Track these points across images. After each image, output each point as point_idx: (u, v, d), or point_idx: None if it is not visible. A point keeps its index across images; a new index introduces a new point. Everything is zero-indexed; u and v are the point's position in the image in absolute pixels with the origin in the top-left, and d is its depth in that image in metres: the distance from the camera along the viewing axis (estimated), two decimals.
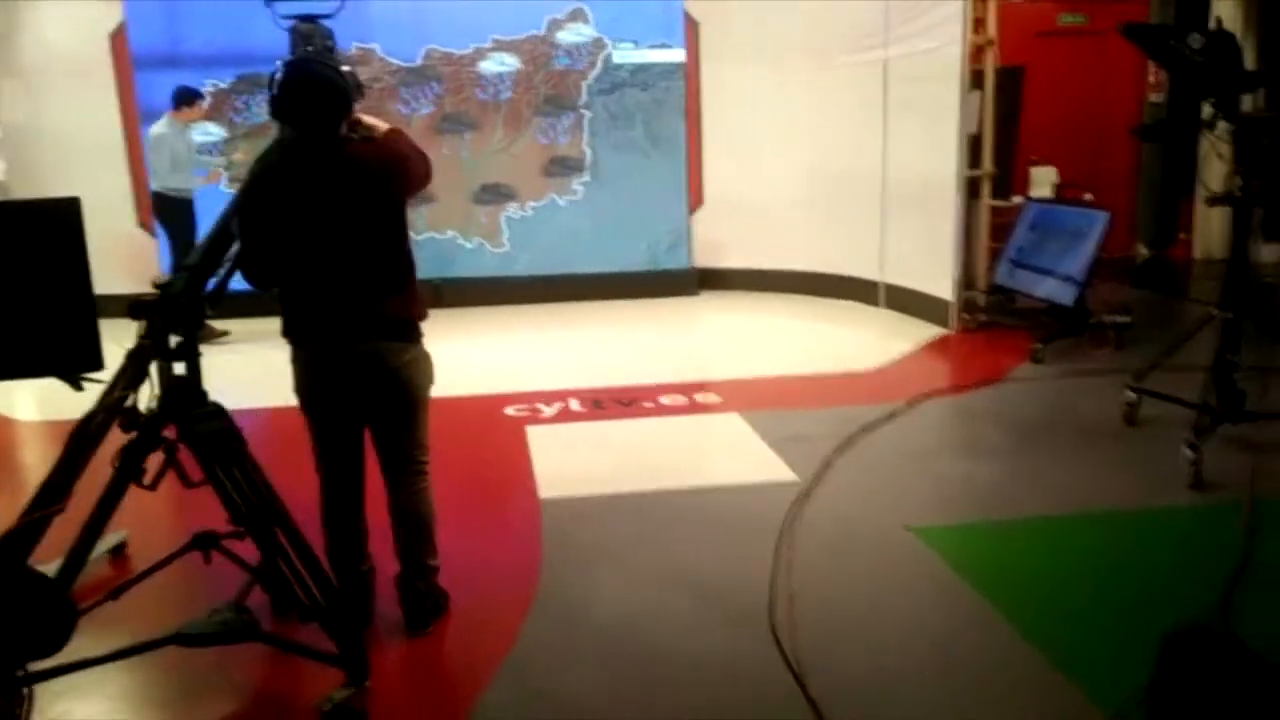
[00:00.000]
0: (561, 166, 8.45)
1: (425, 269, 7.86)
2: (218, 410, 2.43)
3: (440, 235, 8.42)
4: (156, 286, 2.36)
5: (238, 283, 2.68)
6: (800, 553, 3.40)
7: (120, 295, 7.64)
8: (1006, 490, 4.01)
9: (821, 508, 3.79)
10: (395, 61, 8.09)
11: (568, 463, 4.38)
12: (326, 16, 3.07)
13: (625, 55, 8.31)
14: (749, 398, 5.43)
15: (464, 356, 6.55)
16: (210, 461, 2.35)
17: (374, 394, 2.68)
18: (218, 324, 7.09)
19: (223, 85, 7.96)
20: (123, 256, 8.05)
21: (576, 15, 8.22)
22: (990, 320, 6.86)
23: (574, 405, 5.24)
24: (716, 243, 8.69)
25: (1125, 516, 3.72)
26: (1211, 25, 4.19)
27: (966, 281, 6.91)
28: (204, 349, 2.44)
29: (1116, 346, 6.10)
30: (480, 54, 8.18)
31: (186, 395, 2.37)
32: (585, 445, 4.66)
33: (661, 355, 6.57)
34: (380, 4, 8.01)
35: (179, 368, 2.38)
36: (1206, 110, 4.09)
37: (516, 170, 8.40)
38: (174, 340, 2.39)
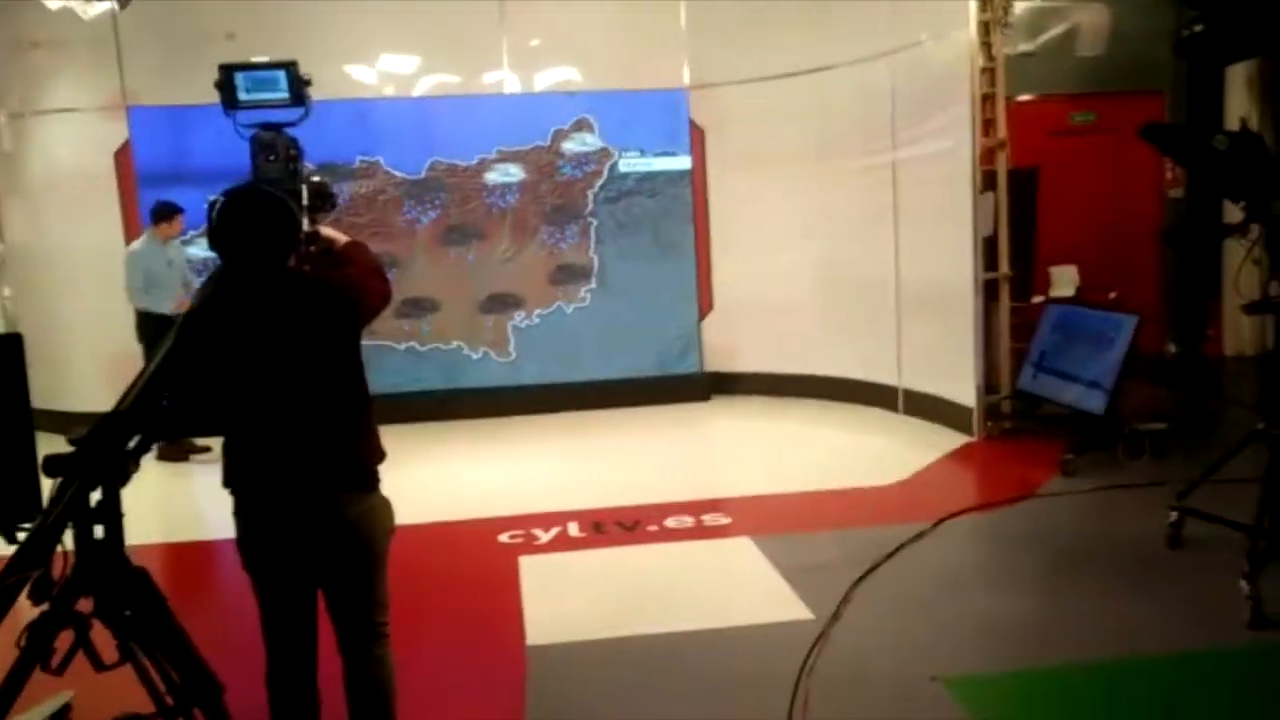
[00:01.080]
0: (569, 274, 8.31)
1: (431, 380, 7.84)
2: (141, 579, 2.15)
3: (445, 346, 8.24)
4: (71, 441, 2.11)
5: None
6: (816, 710, 3.03)
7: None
8: (1043, 630, 3.63)
9: (839, 653, 3.42)
10: (400, 174, 8.05)
11: (561, 600, 4.05)
12: (290, 124, 2.89)
13: (631, 164, 8.25)
14: (761, 518, 5.10)
15: (462, 475, 6.30)
16: (127, 640, 2.06)
17: (326, 550, 2.40)
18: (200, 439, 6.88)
19: (171, 202, 7.89)
20: (124, 376, 7.90)
21: (582, 125, 8.19)
22: (1016, 427, 6.54)
23: (573, 530, 4.92)
24: (728, 347, 8.47)
25: (1178, 661, 3.33)
26: (1234, 125, 3.98)
27: (989, 386, 6.61)
28: (182, 467, 2.17)
29: (1153, 455, 5.73)
30: (485, 165, 8.14)
31: (105, 563, 2.09)
32: (581, 578, 4.32)
33: (670, 468, 6.27)
34: (384, 118, 8.02)
35: (98, 529, 2.11)
36: (1236, 214, 3.84)
37: (523, 279, 8.27)
38: (95, 497, 2.12)
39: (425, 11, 7.82)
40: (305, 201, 2.83)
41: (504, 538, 4.84)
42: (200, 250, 7.86)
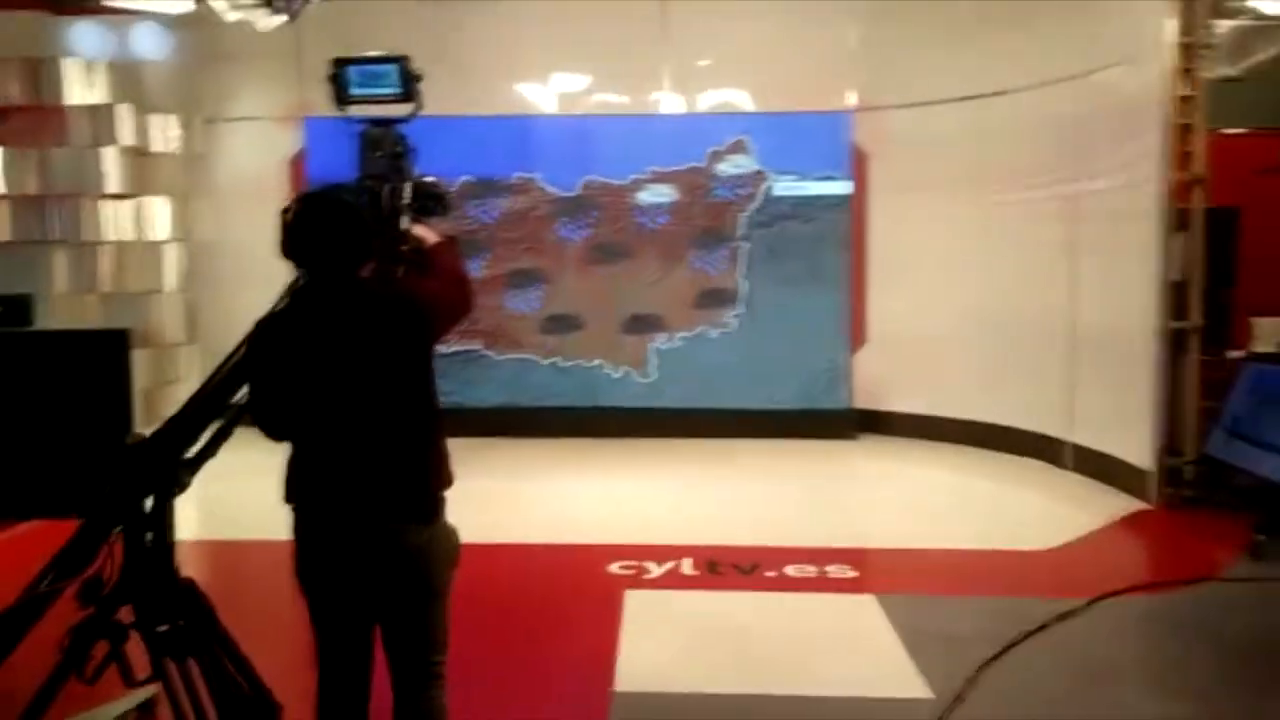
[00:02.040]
0: (714, 299, 8.08)
1: (571, 396, 7.78)
2: (188, 591, 2.07)
3: (587, 363, 8.17)
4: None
5: None
6: None
7: None
8: None
9: None
10: (554, 190, 8.06)
11: (660, 644, 3.80)
12: (401, 121, 2.80)
13: (787, 187, 7.94)
14: (891, 574, 4.70)
15: (585, 496, 6.17)
16: (161, 655, 1.98)
17: (383, 582, 2.25)
18: None
19: None
20: None
21: (737, 147, 7.96)
22: (1199, 497, 5.80)
23: (686, 567, 4.67)
24: (880, 384, 8.01)
25: None
26: None
27: (1171, 448, 5.91)
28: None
29: None
30: (638, 184, 8.03)
31: (150, 573, 2.01)
32: (686, 622, 4.06)
33: (801, 509, 5.90)
34: (544, 135, 8.06)
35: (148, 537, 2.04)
36: None
37: (668, 300, 8.10)
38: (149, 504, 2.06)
39: (590, 30, 7.80)
40: (407, 200, 2.72)
41: (614, 567, 4.64)
42: None
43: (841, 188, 7.92)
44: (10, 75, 8.18)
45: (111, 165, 8.11)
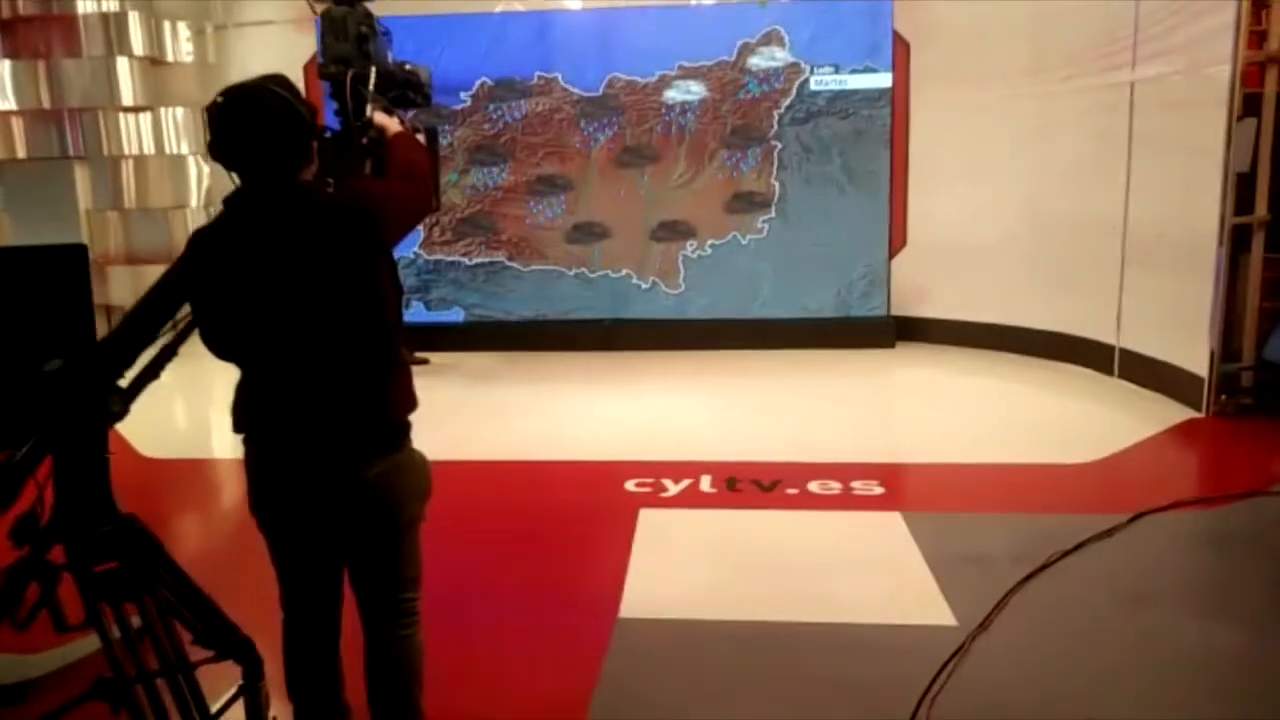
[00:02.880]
0: (746, 203, 7.73)
1: (598, 308, 7.56)
2: (129, 526, 1.92)
3: (615, 274, 7.92)
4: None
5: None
6: None
7: None
8: (1264, 677, 2.86)
9: (977, 676, 2.82)
10: (577, 91, 7.69)
11: (670, 566, 3.64)
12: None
13: (824, 81, 7.49)
14: (921, 490, 4.48)
15: (608, 411, 6.00)
16: (94, 600, 1.84)
17: (346, 517, 2.08)
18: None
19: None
20: None
21: (771, 38, 7.49)
22: (1257, 404, 5.46)
23: (704, 484, 4.49)
24: (920, 290, 7.66)
25: None
26: None
27: (1227, 353, 5.54)
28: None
29: None
30: (666, 82, 7.63)
31: (82, 508, 1.86)
32: (700, 542, 3.90)
33: (831, 421, 5.67)
34: (564, 31, 7.66)
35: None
36: None
37: (698, 206, 7.76)
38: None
39: None
40: (373, 87, 2.47)
41: (630, 485, 4.48)
42: None
43: (882, 80, 7.45)
44: None
45: (126, 76, 7.91)
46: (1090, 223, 6.49)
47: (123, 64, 7.85)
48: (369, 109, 2.48)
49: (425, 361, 7.15)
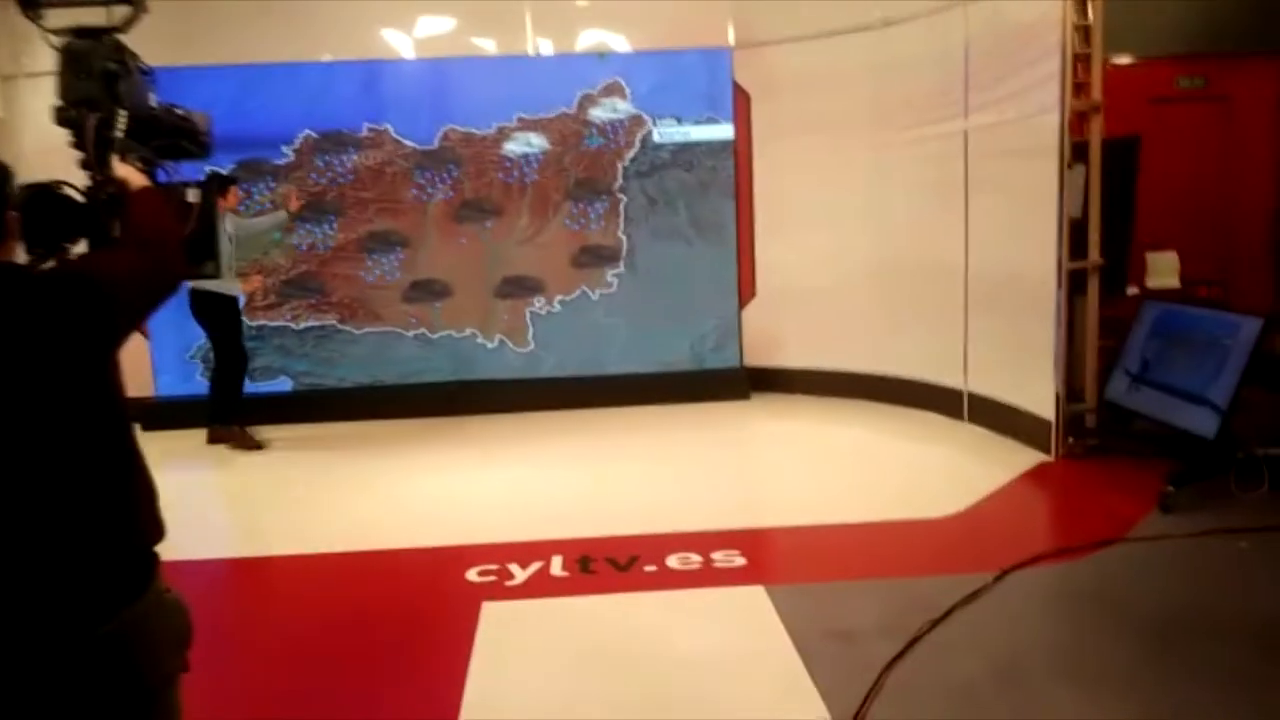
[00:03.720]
0: (594, 256, 7.48)
1: (441, 370, 7.07)
2: None
3: (458, 333, 7.50)
4: None
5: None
6: None
7: None
8: None
9: None
10: (410, 143, 7.29)
11: (516, 667, 3.24)
12: (116, 30, 2.09)
13: (667, 132, 7.35)
14: (784, 559, 4.25)
15: (451, 485, 5.55)
16: None
17: (70, 688, 1.58)
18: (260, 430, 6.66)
19: (221, 172, 7.24)
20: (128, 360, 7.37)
21: (612, 90, 7.32)
22: (1103, 445, 5.53)
23: (556, 567, 4.10)
24: (771, 340, 7.56)
25: None
26: None
27: (1071, 394, 5.60)
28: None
29: (1272, 488, 4.70)
30: (505, 134, 7.33)
31: None
32: (549, 637, 3.50)
33: (689, 483, 5.41)
34: (394, 81, 7.27)
35: None
36: None
37: (544, 261, 7.46)
38: None
39: None
40: (123, 133, 2.02)
41: (473, 574, 4.05)
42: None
43: (724, 131, 7.38)
44: None
45: None
46: (933, 268, 6.54)
47: None
48: (114, 160, 2.04)
49: (260, 446, 6.54)
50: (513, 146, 7.35)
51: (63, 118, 2.13)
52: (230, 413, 6.62)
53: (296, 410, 7.18)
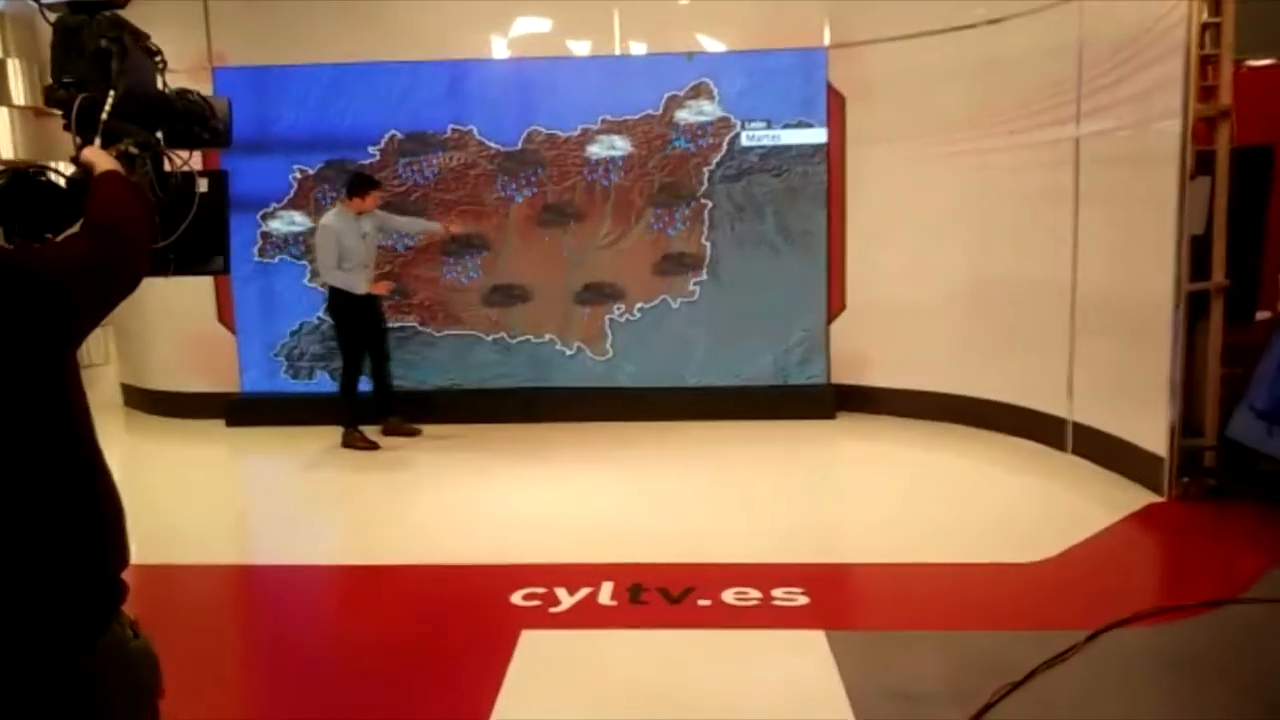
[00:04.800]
0: (676, 264, 7.23)
1: (518, 376, 6.93)
2: None
3: (536, 339, 7.36)
4: None
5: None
6: None
7: (200, 394, 6.88)
8: None
9: None
10: (494, 145, 7.18)
11: (541, 712, 3.02)
12: (112, 4, 1.94)
13: (756, 136, 7.06)
14: (850, 600, 3.93)
15: (513, 498, 5.39)
16: None
17: None
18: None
19: (309, 171, 7.30)
20: (203, 355, 7.51)
21: (699, 91, 7.06)
22: (1222, 487, 4.99)
23: (604, 595, 3.88)
24: (860, 356, 7.18)
25: None
26: None
27: (1188, 428, 5.09)
28: None
29: None
30: (588, 136, 7.15)
31: None
32: (588, 675, 3.28)
33: (759, 507, 5.11)
34: (479, 83, 7.18)
35: None
36: None
37: (625, 267, 7.26)
38: None
39: None
40: (107, 113, 1.87)
41: (518, 597, 3.86)
42: (285, 225, 7.32)
43: (817, 135, 7.03)
44: None
45: (4, 128, 7.30)
46: (1038, 285, 6.07)
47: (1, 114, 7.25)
48: (96, 143, 1.89)
49: (374, 446, 6.54)
50: (596, 149, 7.17)
51: (52, 97, 1.99)
52: (347, 410, 6.62)
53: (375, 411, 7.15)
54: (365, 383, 6.71)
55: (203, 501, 5.62)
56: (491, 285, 7.32)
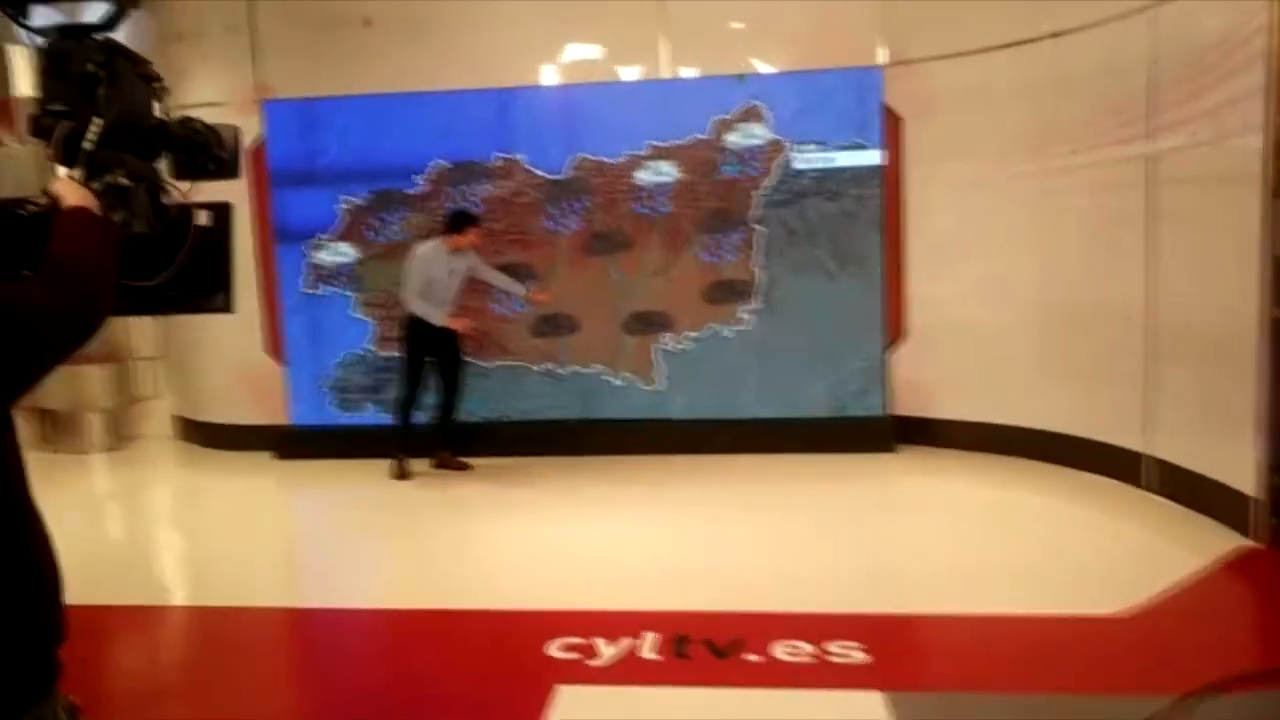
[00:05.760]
0: (727, 291, 7.03)
1: (567, 408, 6.78)
2: None
3: (585, 369, 7.20)
4: None
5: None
6: None
7: (249, 426, 6.86)
8: None
9: None
10: (541, 173, 7.07)
11: None
12: (101, 28, 1.83)
13: (809, 159, 6.84)
14: (912, 657, 3.65)
15: (554, 537, 5.20)
16: None
17: None
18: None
19: (357, 201, 7.26)
20: (252, 387, 7.50)
21: (749, 114, 6.87)
22: None
23: (646, 647, 3.65)
24: (921, 386, 6.88)
25: None
26: None
27: (1277, 464, 4.71)
28: None
29: None
30: (636, 162, 7.00)
31: None
32: None
33: (813, 549, 4.85)
34: (526, 110, 7.08)
35: None
36: None
37: (674, 296, 7.07)
38: None
39: None
40: (92, 142, 1.74)
41: (554, 647, 3.66)
42: (332, 255, 7.28)
43: (872, 157, 6.79)
44: None
45: None
46: (1109, 311, 5.74)
47: None
48: (77, 173, 1.76)
49: (406, 476, 6.51)
50: (644, 175, 7.01)
51: (35, 126, 1.87)
52: (397, 438, 6.58)
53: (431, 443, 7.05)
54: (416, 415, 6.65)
55: (242, 540, 5.54)
56: (540, 316, 7.18)
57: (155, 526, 6.45)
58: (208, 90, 7.42)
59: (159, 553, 5.73)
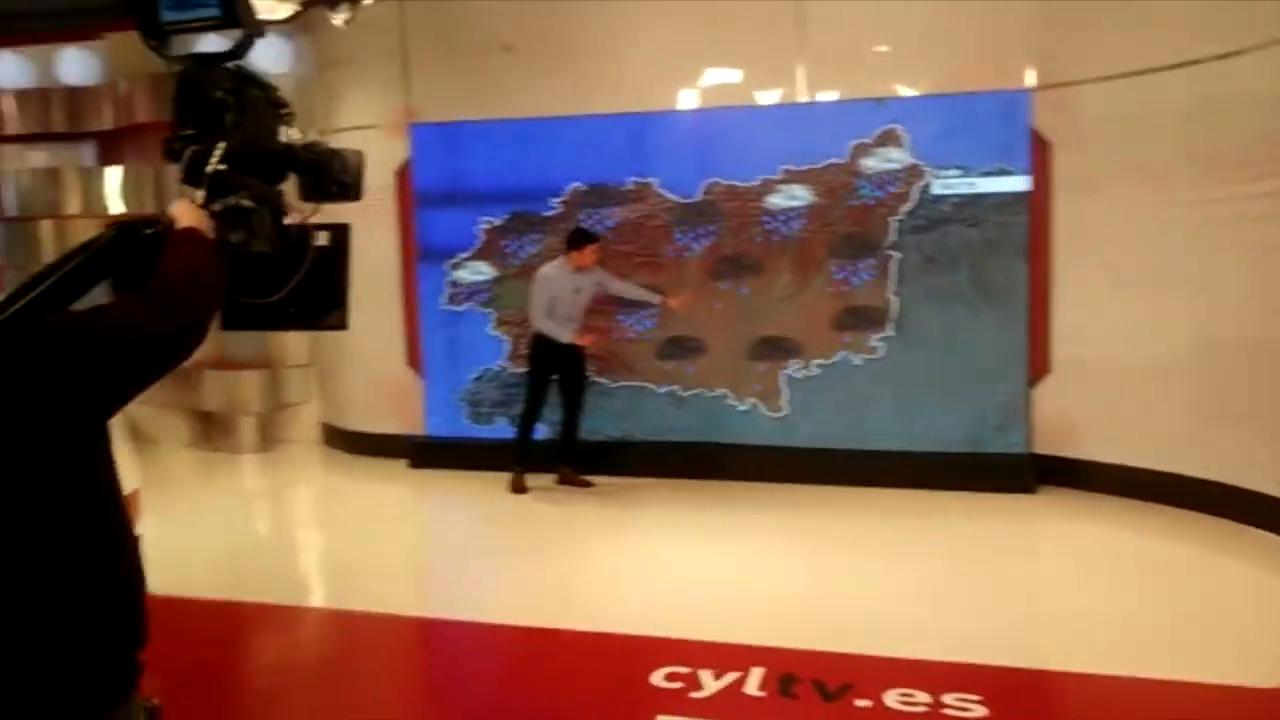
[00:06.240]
0: (858, 318, 6.84)
1: (690, 430, 6.76)
2: None
3: (709, 393, 7.15)
4: None
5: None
6: None
7: (388, 434, 7.15)
8: None
9: None
10: (673, 197, 7.09)
11: None
12: (232, 56, 1.93)
13: (949, 184, 6.60)
14: (1037, 716, 3.41)
15: (669, 562, 5.16)
16: None
17: None
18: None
19: (495, 222, 7.46)
20: (392, 397, 7.79)
21: (887, 138, 6.69)
22: None
23: (752, 683, 3.56)
24: (1067, 424, 6.50)
25: None
26: None
27: None
28: None
29: None
30: (768, 186, 6.93)
31: None
32: None
33: (937, 593, 4.63)
34: (662, 134, 7.13)
35: None
36: None
37: (802, 321, 6.94)
38: None
39: (709, 9, 6.81)
40: (214, 165, 1.83)
41: (659, 676, 3.61)
42: (471, 274, 7.50)
43: (1018, 183, 6.49)
44: (137, 92, 8.17)
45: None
46: (1276, 351, 5.28)
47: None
48: (198, 196, 1.86)
49: (588, 484, 6.75)
50: (776, 200, 6.92)
51: (167, 150, 1.98)
52: (515, 451, 6.76)
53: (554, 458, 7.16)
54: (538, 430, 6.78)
55: (369, 546, 5.74)
56: (666, 338, 7.19)
57: (294, 527, 6.78)
58: (361, 113, 7.82)
59: (295, 553, 6.01)
